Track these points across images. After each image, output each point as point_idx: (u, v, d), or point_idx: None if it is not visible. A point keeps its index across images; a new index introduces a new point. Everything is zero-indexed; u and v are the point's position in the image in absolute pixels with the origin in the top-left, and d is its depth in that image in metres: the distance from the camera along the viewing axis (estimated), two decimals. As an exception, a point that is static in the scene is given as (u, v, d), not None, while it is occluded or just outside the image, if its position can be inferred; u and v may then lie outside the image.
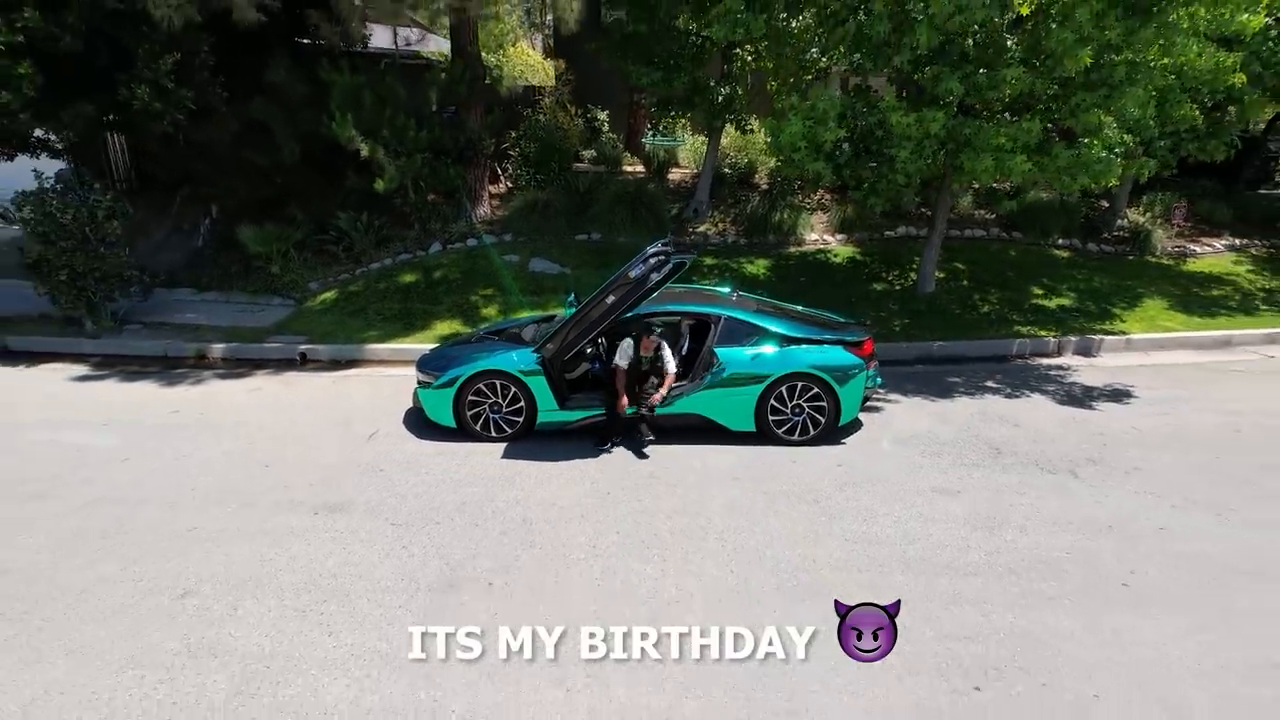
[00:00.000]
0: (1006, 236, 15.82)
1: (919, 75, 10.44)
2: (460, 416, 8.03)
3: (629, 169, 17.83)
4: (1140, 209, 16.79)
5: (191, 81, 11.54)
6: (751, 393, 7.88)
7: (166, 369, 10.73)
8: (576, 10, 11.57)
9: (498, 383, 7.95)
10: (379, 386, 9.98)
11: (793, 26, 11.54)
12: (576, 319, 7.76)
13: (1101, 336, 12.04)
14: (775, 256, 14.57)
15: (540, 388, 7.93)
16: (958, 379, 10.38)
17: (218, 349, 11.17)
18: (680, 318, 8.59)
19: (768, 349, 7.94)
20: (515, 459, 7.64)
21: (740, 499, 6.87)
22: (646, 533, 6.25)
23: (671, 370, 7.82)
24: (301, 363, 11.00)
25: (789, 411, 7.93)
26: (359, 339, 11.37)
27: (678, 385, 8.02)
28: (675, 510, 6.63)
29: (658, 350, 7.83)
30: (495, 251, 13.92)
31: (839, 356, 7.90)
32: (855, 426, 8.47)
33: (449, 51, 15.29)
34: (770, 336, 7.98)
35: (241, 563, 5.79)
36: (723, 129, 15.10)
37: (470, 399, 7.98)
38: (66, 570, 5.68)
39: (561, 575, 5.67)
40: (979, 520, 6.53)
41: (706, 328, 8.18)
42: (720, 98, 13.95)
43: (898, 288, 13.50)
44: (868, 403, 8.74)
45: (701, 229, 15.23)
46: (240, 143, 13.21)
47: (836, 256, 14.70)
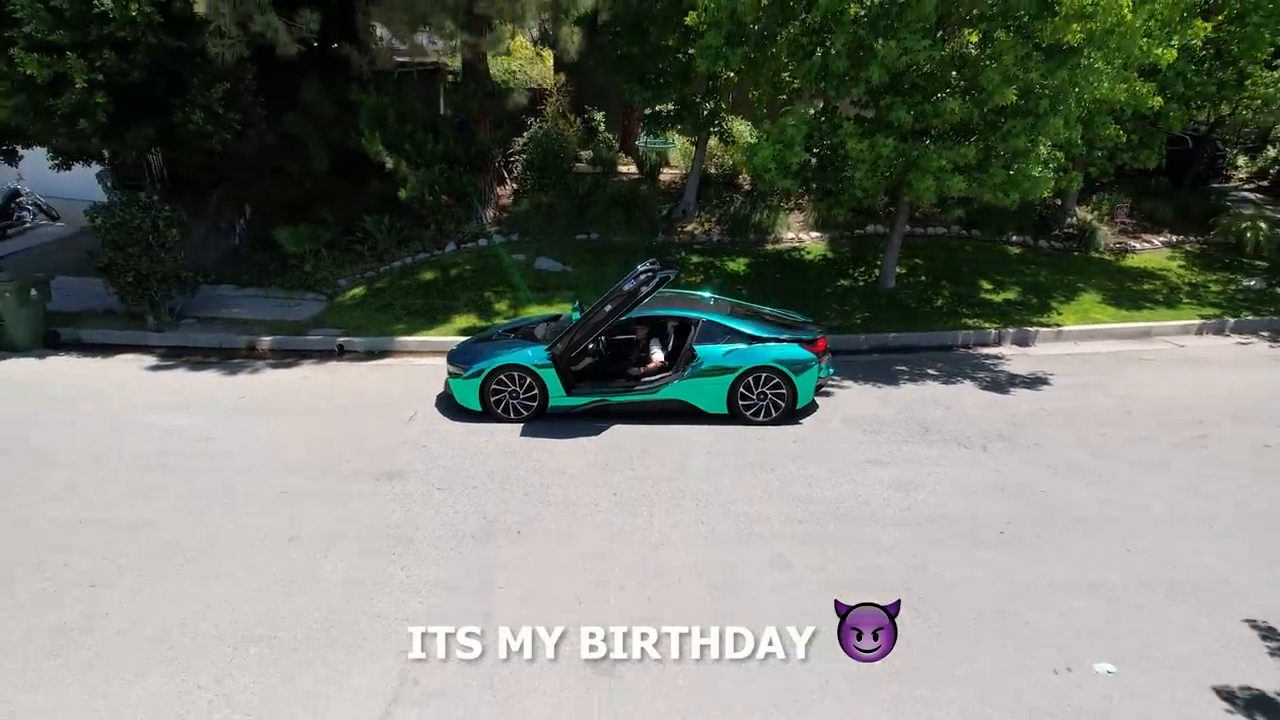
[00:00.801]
0: (965, 234, 17.50)
1: (874, 104, 12.08)
2: (485, 402, 9.76)
3: (623, 169, 19.44)
4: (1089, 207, 18.47)
5: (238, 105, 13.10)
6: (724, 382, 9.62)
7: (224, 359, 12.41)
8: (577, 43, 13.12)
9: (516, 374, 9.67)
10: (411, 375, 11.68)
11: (767, 56, 13.09)
12: (581, 324, 9.47)
13: (1037, 328, 13.76)
14: (755, 254, 16.26)
15: (551, 378, 9.65)
16: (905, 367, 12.12)
17: (266, 341, 12.85)
18: (667, 320, 10.28)
19: (738, 346, 9.66)
20: (531, 437, 9.38)
21: (713, 468, 8.63)
22: (637, 494, 8.01)
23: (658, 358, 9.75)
24: (340, 354, 12.69)
25: (755, 397, 9.67)
26: (389, 332, 13.05)
27: (664, 375, 9.76)
28: (661, 477, 8.39)
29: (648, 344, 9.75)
30: (505, 251, 15.58)
31: (796, 352, 9.63)
32: (811, 409, 10.21)
33: (460, 62, 16.77)
34: (740, 336, 9.70)
35: (327, 517, 7.54)
36: (708, 138, 16.70)
37: (493, 388, 9.70)
38: (197, 523, 7.42)
39: (572, 526, 7.43)
40: (900, 485, 8.30)
41: (689, 328, 9.89)
42: (705, 111, 15.55)
43: (862, 283, 15.21)
44: (822, 389, 10.50)
45: (689, 228, 16.90)
46: (275, 153, 14.80)
47: (809, 254, 16.39)
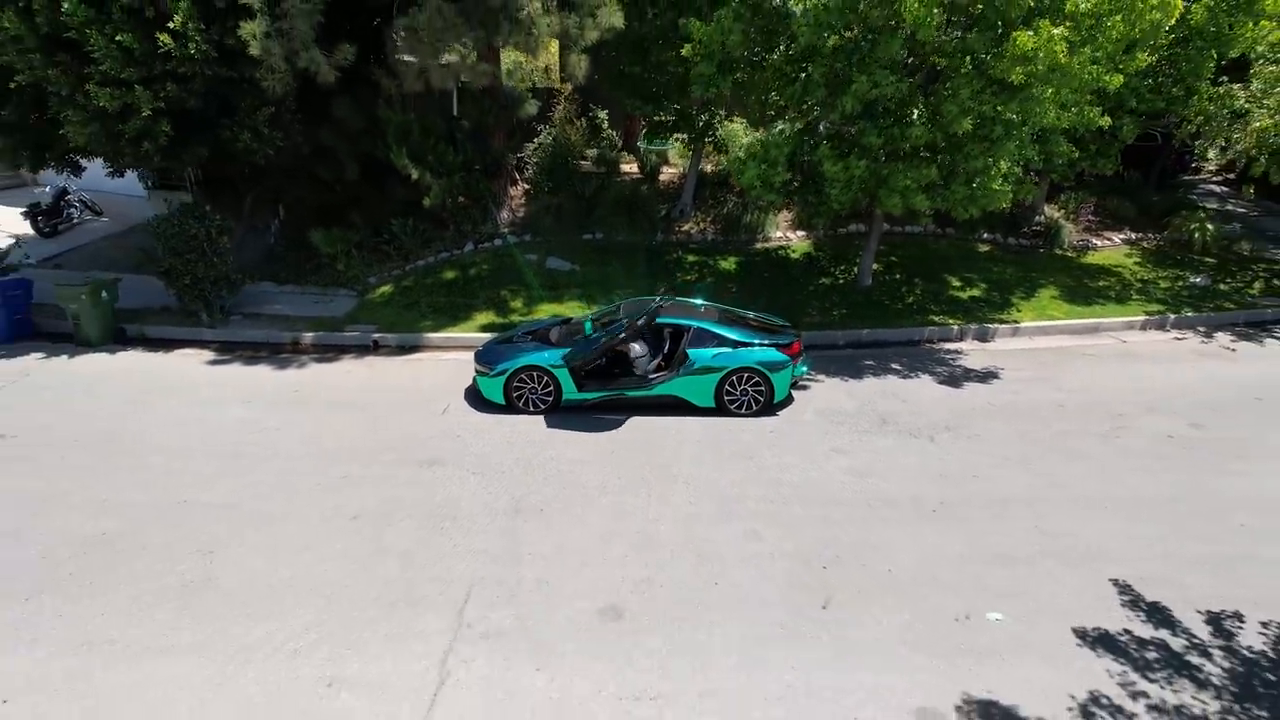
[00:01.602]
0: (940, 231, 19.02)
1: (849, 129, 13.56)
2: (508, 397, 11.41)
3: (626, 169, 20.90)
4: (1057, 205, 19.96)
5: (280, 124, 14.58)
6: (712, 380, 11.26)
7: (273, 354, 14.04)
8: (585, 69, 14.53)
9: (535, 373, 11.31)
10: (439, 369, 13.31)
11: (755, 81, 14.51)
12: (600, 347, 11.05)
13: (997, 325, 15.35)
14: (745, 253, 17.81)
15: (565, 377, 11.29)
16: (873, 362, 13.75)
17: (308, 337, 14.47)
18: (664, 327, 11.86)
19: (725, 349, 11.28)
20: (549, 428, 11.03)
21: (701, 455, 10.30)
22: (638, 477, 9.68)
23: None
24: (374, 348, 14.32)
25: (738, 393, 11.32)
26: (418, 328, 14.65)
27: (661, 374, 11.39)
28: (657, 464, 10.05)
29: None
30: (518, 251, 17.15)
31: (774, 355, 11.25)
32: (788, 402, 11.86)
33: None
34: (727, 341, 11.31)
35: (382, 499, 9.21)
36: (703, 146, 18.16)
37: (515, 385, 11.35)
38: (274, 503, 9.10)
39: (584, 506, 9.10)
40: (856, 471, 9.97)
41: (682, 334, 11.50)
42: (701, 123, 17.00)
43: (841, 281, 16.78)
44: (798, 385, 12.14)
45: (686, 228, 18.43)
46: (309, 161, 16.29)
47: (795, 252, 17.95)
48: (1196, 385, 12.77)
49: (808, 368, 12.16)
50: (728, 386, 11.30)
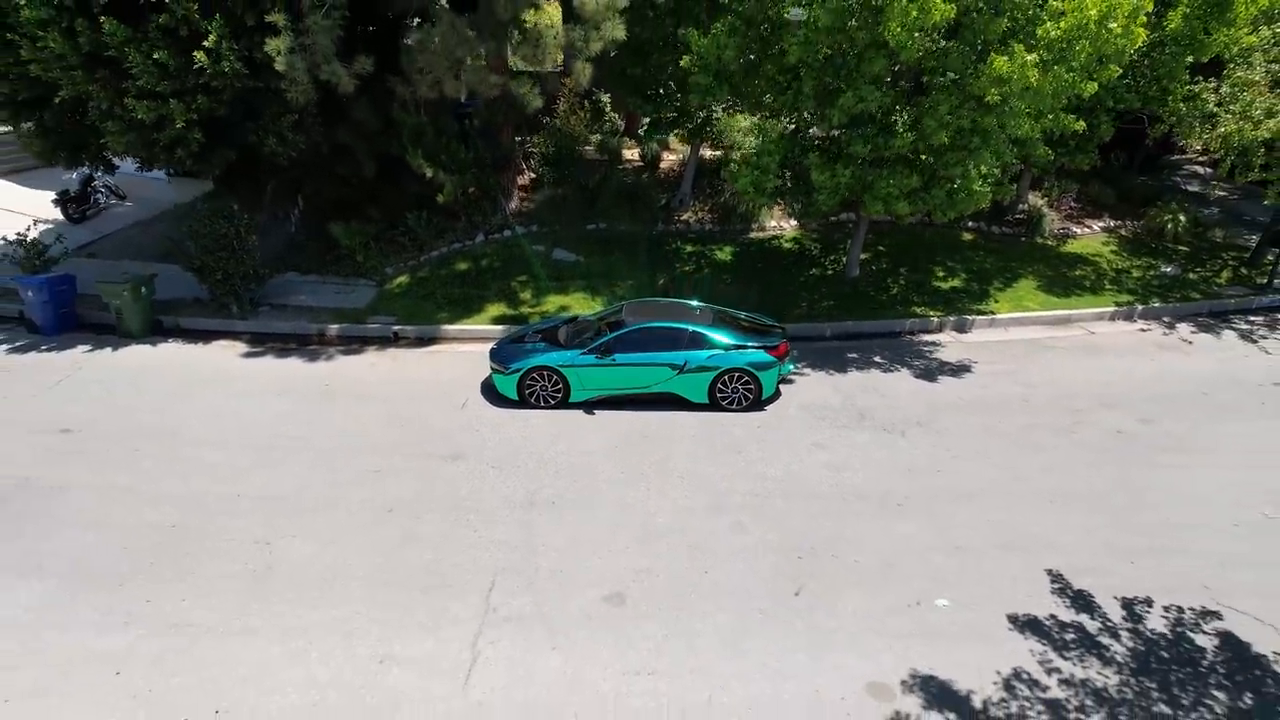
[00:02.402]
0: (928, 220, 19.87)
1: (836, 137, 14.47)
2: (521, 393, 12.57)
3: (628, 155, 21.74)
4: (1041, 193, 20.83)
5: (302, 128, 15.48)
6: (706, 379, 12.41)
7: (301, 345, 15.17)
8: (589, 74, 15.35)
9: (546, 372, 12.45)
10: (456, 362, 14.43)
11: (750, 87, 15.34)
12: (602, 343, 12.22)
13: (975, 316, 16.40)
14: (740, 243, 18.80)
15: (573, 375, 12.43)
16: (856, 354, 14.85)
17: (333, 329, 15.58)
18: (664, 331, 12.91)
19: (718, 351, 12.40)
20: (559, 423, 12.21)
21: (695, 450, 11.50)
22: (639, 472, 10.90)
23: None
24: (395, 340, 15.44)
25: (730, 391, 12.48)
26: (435, 320, 15.74)
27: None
28: (656, 459, 11.26)
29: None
30: (526, 242, 18.15)
31: (761, 357, 12.38)
32: (775, 397, 13.02)
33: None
34: (719, 344, 12.43)
35: (412, 491, 10.44)
36: (701, 142, 19.01)
37: (528, 382, 12.50)
38: (315, 496, 10.32)
39: (592, 499, 10.32)
40: (834, 465, 11.17)
41: (680, 337, 12.60)
42: (699, 119, 17.84)
43: (830, 272, 17.79)
44: (786, 381, 13.30)
45: (685, 217, 19.39)
46: (329, 159, 17.20)
47: (787, 242, 18.93)
48: (1151, 379, 13.88)
49: (793, 366, 13.30)
50: (720, 384, 12.46)
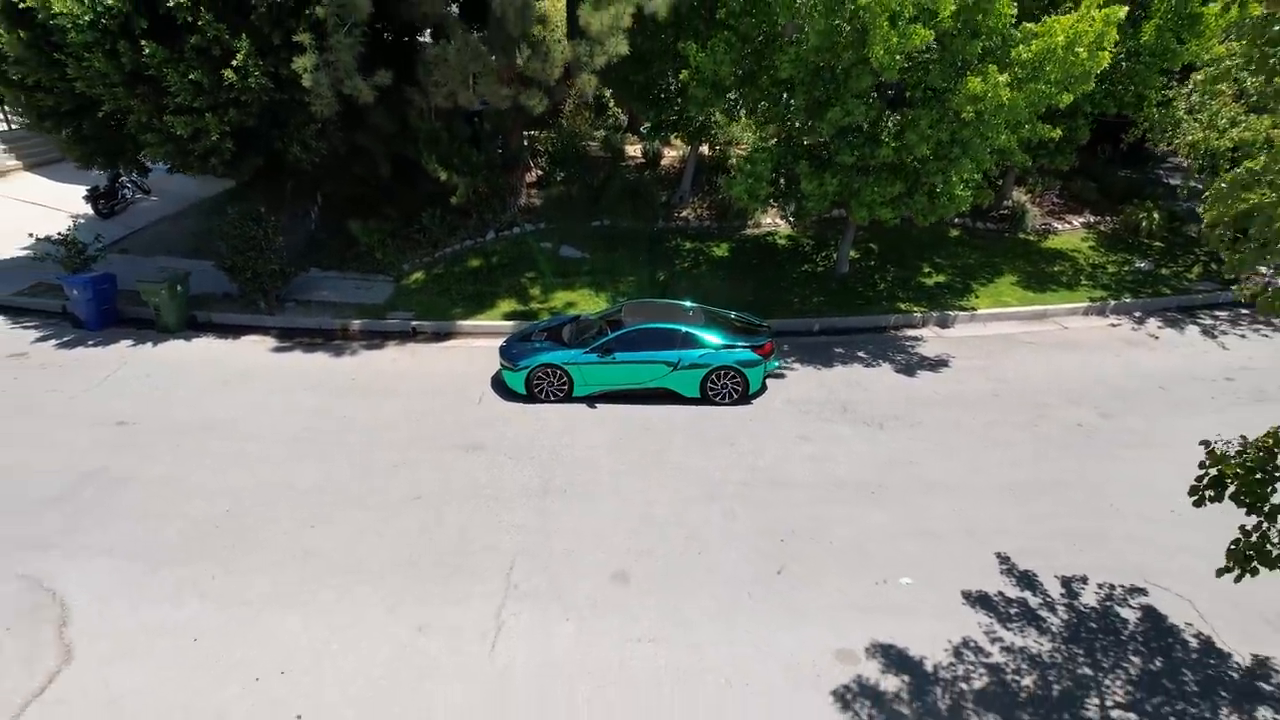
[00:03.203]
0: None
1: (825, 144, 15.49)
2: (529, 389, 13.72)
3: (630, 152, 22.71)
4: (1025, 189, 21.81)
5: (325, 135, 16.51)
6: (698, 375, 13.56)
7: (326, 340, 16.31)
8: (594, 85, 16.31)
9: (551, 369, 13.59)
10: (472, 357, 15.57)
11: (745, 99, 16.33)
12: (603, 342, 13.35)
13: (956, 311, 17.49)
14: (737, 240, 19.86)
15: (577, 372, 13.58)
16: (842, 350, 15.98)
17: (355, 324, 16.72)
18: (659, 331, 14.01)
19: (708, 350, 13.53)
20: (567, 417, 13.39)
21: (689, 443, 12.68)
22: (638, 463, 12.09)
23: None
24: (413, 334, 16.58)
25: (719, 387, 13.64)
26: (450, 316, 16.86)
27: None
28: (654, 450, 12.44)
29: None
30: (534, 239, 19.22)
31: (748, 355, 13.52)
32: (762, 391, 14.17)
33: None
34: (710, 344, 13.55)
35: (437, 481, 11.64)
36: (700, 143, 19.98)
37: (535, 379, 13.64)
38: (348, 486, 11.51)
39: (596, 488, 11.52)
40: (816, 457, 12.35)
41: (675, 337, 13.71)
42: (697, 124, 18.82)
43: (821, 269, 18.87)
44: (773, 377, 14.45)
45: (684, 214, 20.44)
46: (347, 161, 18.24)
47: (782, 239, 19.98)
48: (1115, 374, 15.00)
49: (778, 363, 14.44)
50: (711, 381, 13.61)
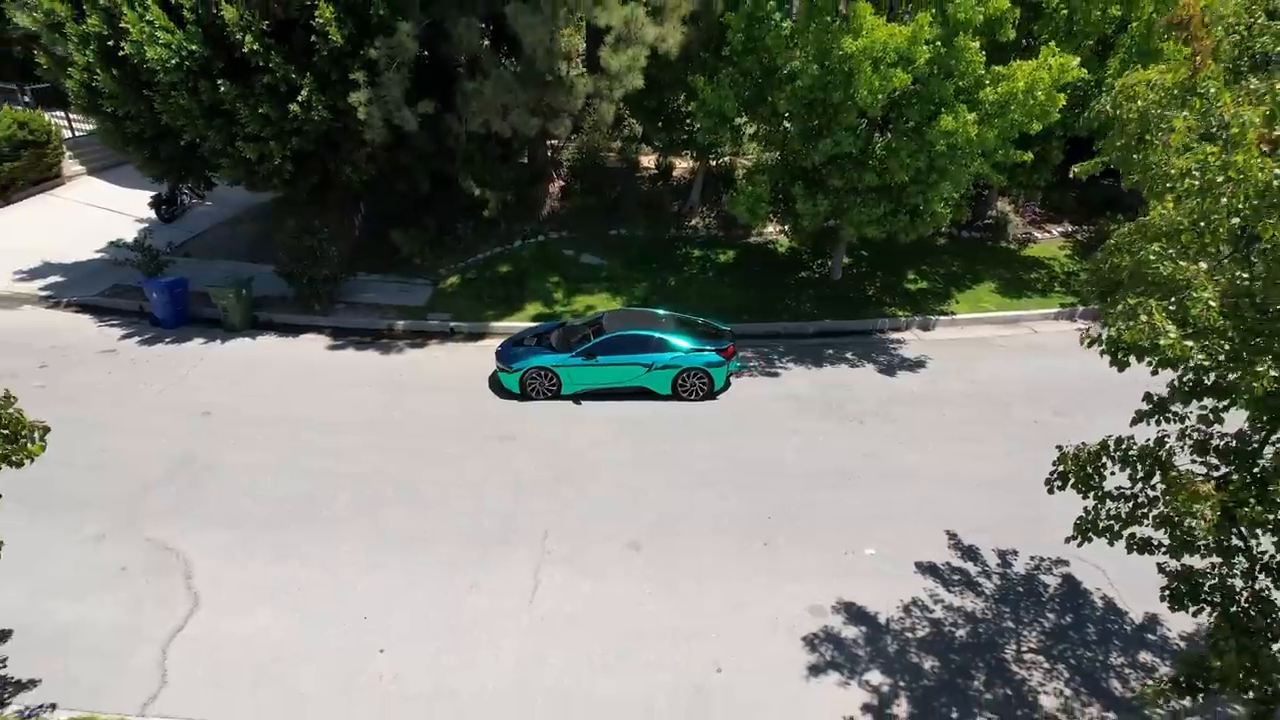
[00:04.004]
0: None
1: (817, 170, 17.41)
2: (523, 388, 15.73)
3: (644, 163, 24.65)
4: (1009, 199, 23.58)
5: (373, 158, 18.56)
6: (669, 375, 15.62)
7: (374, 340, 18.44)
8: (612, 114, 18.27)
9: (542, 371, 15.61)
10: (503, 356, 17.64)
11: (747, 128, 18.24)
12: (587, 347, 15.43)
13: (938, 316, 19.39)
14: (740, 247, 21.81)
15: (565, 374, 15.61)
16: (833, 351, 17.94)
17: (399, 325, 18.83)
18: (636, 336, 15.83)
19: (679, 353, 15.52)
20: (574, 413, 15.41)
21: (671, 431, 14.69)
22: (634, 456, 14.06)
23: None
24: (451, 334, 18.67)
25: (688, 385, 15.70)
26: (483, 318, 18.94)
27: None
28: (646, 440, 14.46)
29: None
30: (558, 247, 21.24)
31: (713, 358, 15.58)
32: (726, 388, 16.03)
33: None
34: (680, 348, 15.54)
35: (480, 469, 13.72)
36: (708, 160, 21.92)
37: (528, 379, 15.65)
38: (404, 472, 13.63)
39: (599, 476, 13.56)
40: (801, 449, 14.36)
41: (649, 342, 15.67)
42: (707, 143, 20.74)
43: (817, 275, 20.80)
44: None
45: (693, 223, 22.41)
46: (390, 177, 20.29)
47: (781, 247, 21.90)
48: (1072, 376, 16.81)
49: (739, 364, 16.44)
50: (680, 379, 15.68)
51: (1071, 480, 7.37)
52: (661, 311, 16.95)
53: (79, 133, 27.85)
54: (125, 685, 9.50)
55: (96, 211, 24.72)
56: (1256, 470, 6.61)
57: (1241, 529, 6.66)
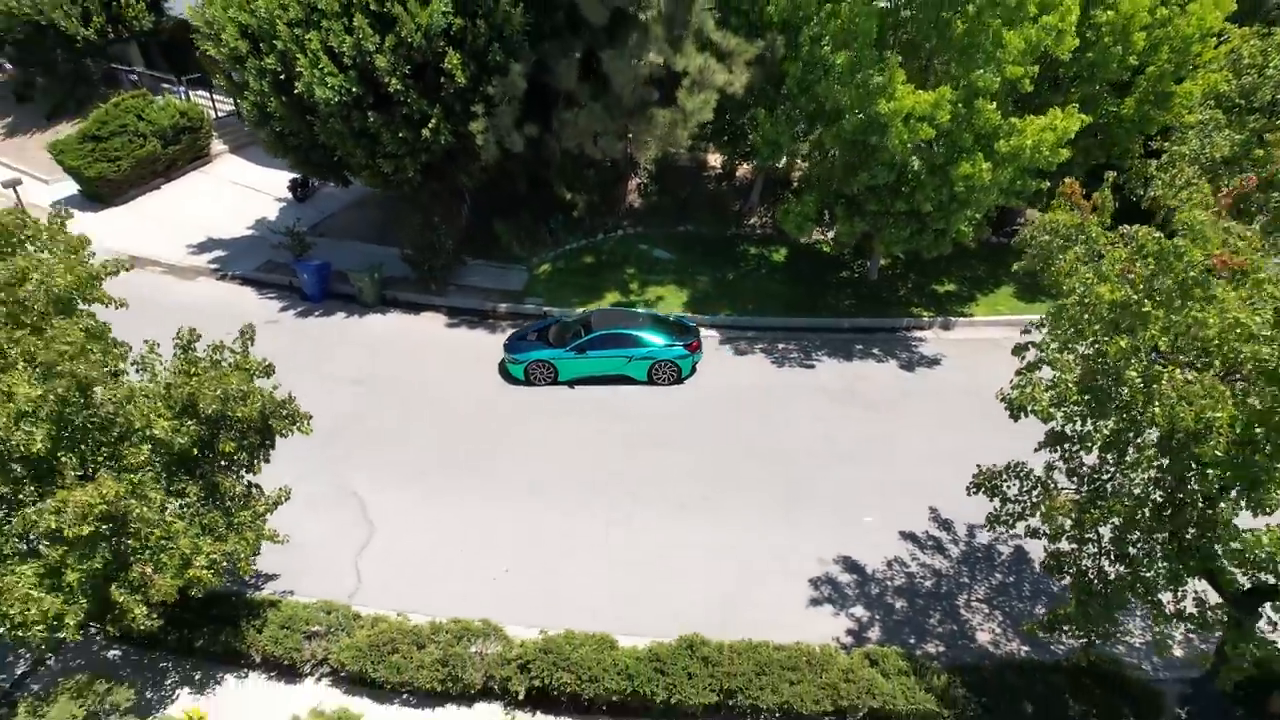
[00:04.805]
0: (942, 228, 25.58)
1: (856, 196, 20.53)
2: (527, 377, 19.39)
3: (711, 162, 27.84)
4: (1040, 206, 26.12)
5: (485, 169, 22.27)
6: (645, 364, 19.16)
7: (480, 319, 22.42)
8: (687, 141, 21.57)
9: (543, 361, 19.28)
10: (586, 339, 21.46)
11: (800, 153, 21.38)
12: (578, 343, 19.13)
13: (958, 317, 22.42)
14: (791, 246, 25.00)
15: (561, 364, 19.24)
16: (861, 345, 21.26)
17: (502, 307, 22.75)
18: (619, 333, 19.32)
19: (652, 348, 19.03)
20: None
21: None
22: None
23: None
24: (544, 317, 22.51)
25: (661, 373, 19.25)
26: (572, 303, 22.67)
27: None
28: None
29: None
30: (633, 242, 24.81)
31: (680, 352, 19.10)
32: (692, 375, 19.61)
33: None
34: (654, 344, 19.06)
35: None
36: (766, 168, 25.07)
37: (531, 368, 19.29)
38: (514, 439, 17.67)
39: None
40: (816, 431, 17.92)
41: (629, 338, 19.18)
42: (765, 155, 23.88)
43: (856, 275, 23.95)
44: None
45: (752, 222, 25.68)
46: (496, 181, 24.03)
47: (826, 248, 25.03)
48: (1064, 379, 19.96)
49: (701, 356, 19.74)
50: (654, 368, 19.22)
51: (982, 488, 10.88)
52: (640, 311, 20.72)
53: (221, 113, 32.12)
54: (335, 585, 13.86)
55: (240, 189, 29.02)
56: (1096, 488, 10.09)
57: (1087, 527, 10.17)
